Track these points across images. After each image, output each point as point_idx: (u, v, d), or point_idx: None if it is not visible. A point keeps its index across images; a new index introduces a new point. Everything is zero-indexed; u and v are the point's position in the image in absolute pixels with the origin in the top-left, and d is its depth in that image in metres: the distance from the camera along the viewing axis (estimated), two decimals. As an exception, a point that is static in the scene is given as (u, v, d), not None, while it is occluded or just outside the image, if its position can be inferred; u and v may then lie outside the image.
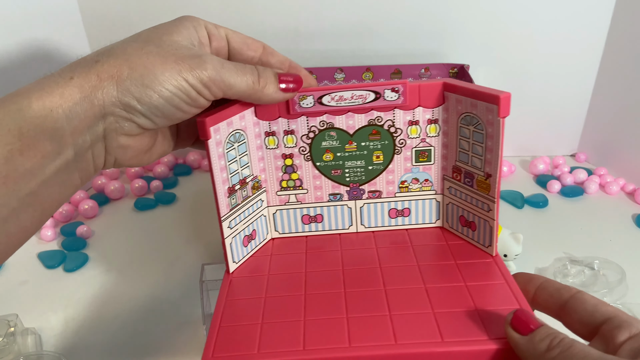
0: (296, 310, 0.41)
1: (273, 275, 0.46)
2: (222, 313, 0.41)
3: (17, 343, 0.50)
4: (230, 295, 0.43)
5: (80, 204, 0.74)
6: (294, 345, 0.37)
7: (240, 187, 0.46)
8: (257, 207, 0.49)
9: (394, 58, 0.77)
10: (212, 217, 0.73)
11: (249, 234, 0.48)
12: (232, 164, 0.44)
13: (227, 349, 0.38)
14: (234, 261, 0.46)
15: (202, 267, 0.55)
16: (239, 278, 0.46)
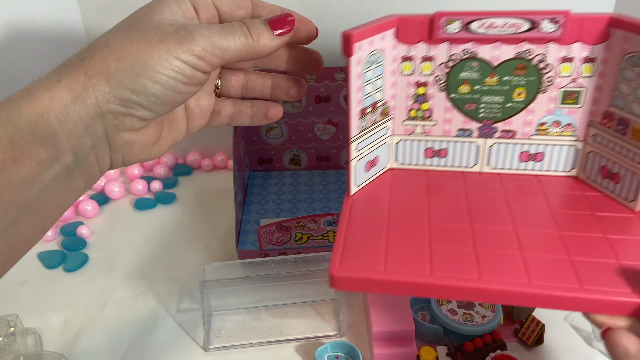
0: (420, 237, 0.40)
1: (394, 202, 0.45)
2: (346, 231, 0.41)
3: (17, 343, 0.51)
4: (352, 215, 0.43)
5: (80, 204, 0.74)
6: (420, 269, 0.37)
7: (372, 110, 0.45)
8: (383, 134, 0.47)
9: (394, 58, 0.77)
10: (212, 217, 0.74)
11: (372, 160, 0.47)
12: (367, 86, 0.43)
13: (352, 263, 0.38)
14: (355, 184, 0.46)
15: (203, 267, 0.55)
16: (359, 201, 0.45)
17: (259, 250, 0.63)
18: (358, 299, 0.59)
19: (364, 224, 0.42)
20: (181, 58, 0.33)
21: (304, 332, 0.54)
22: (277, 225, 0.61)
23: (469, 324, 0.51)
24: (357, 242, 0.40)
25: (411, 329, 0.50)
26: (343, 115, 0.77)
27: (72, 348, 0.53)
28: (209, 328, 0.55)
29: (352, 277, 0.38)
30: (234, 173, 0.65)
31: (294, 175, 0.80)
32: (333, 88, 0.74)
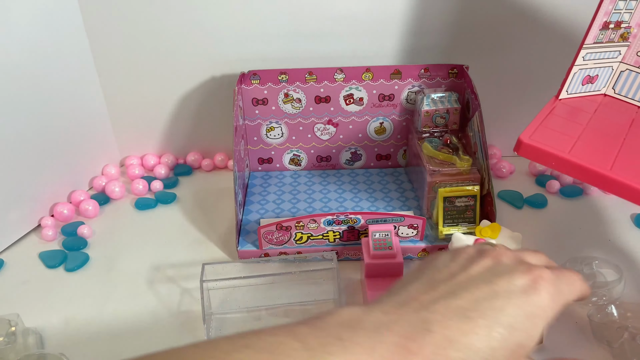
0: (611, 146, 0.45)
1: (596, 118, 0.49)
2: (546, 117, 0.48)
3: (18, 343, 0.51)
4: (554, 111, 0.49)
5: (81, 204, 0.75)
6: (602, 164, 0.43)
7: (614, 27, 0.46)
8: (612, 57, 0.49)
9: (393, 58, 0.77)
10: (213, 217, 0.74)
11: (591, 76, 0.50)
12: (620, 1, 0.45)
13: (543, 138, 0.45)
14: (567, 90, 0.50)
15: (202, 266, 0.55)
16: (565, 105, 0.50)
17: (259, 250, 0.64)
18: (358, 299, 0.59)
19: (561, 120, 0.48)
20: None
21: (304, 332, 0.55)
22: (277, 225, 0.61)
23: (468, 324, 0.51)
24: (551, 128, 0.47)
25: (411, 329, 0.50)
26: (343, 116, 0.77)
27: (73, 348, 0.53)
28: (209, 328, 0.55)
29: (537, 147, 0.45)
30: (234, 173, 0.65)
31: (294, 175, 0.80)
32: (333, 88, 0.75)
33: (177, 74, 0.79)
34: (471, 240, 0.57)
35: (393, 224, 0.61)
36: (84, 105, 0.77)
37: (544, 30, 0.76)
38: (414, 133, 0.75)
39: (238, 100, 0.69)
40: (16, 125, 0.67)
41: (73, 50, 0.74)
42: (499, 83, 0.80)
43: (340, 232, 0.62)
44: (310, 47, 0.77)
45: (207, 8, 0.73)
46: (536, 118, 0.48)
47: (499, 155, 0.85)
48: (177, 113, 0.82)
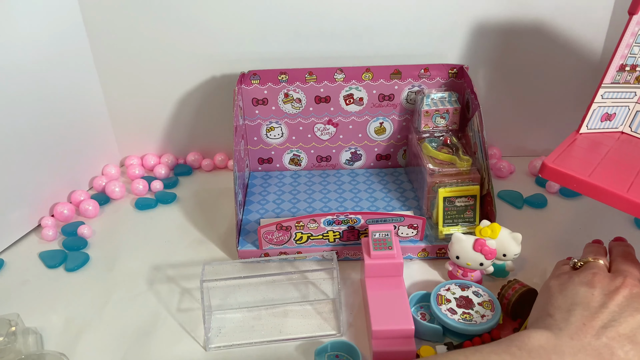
0: (628, 174, 0.49)
1: (614, 151, 0.54)
2: (569, 146, 0.54)
3: (18, 342, 0.51)
4: (574, 144, 0.54)
5: (81, 204, 0.75)
6: (620, 186, 0.47)
7: (630, 70, 0.52)
8: (629, 97, 0.54)
9: (393, 58, 0.77)
10: (213, 217, 0.74)
11: (609, 114, 0.55)
12: (636, 47, 0.50)
13: (565, 163, 0.50)
14: (587, 126, 0.55)
15: (202, 266, 0.55)
16: (585, 138, 0.56)
17: (259, 250, 0.64)
18: (358, 298, 0.59)
19: (582, 150, 0.53)
20: None
21: (303, 332, 0.55)
22: (277, 225, 0.61)
23: (468, 324, 0.51)
24: (573, 155, 0.52)
25: (411, 328, 0.50)
26: (343, 116, 0.77)
27: (73, 347, 0.54)
28: (209, 327, 0.55)
29: (560, 170, 0.50)
30: (234, 173, 0.65)
31: (294, 175, 0.80)
32: (333, 88, 0.75)
33: (177, 74, 0.79)
34: (471, 240, 0.57)
35: (393, 224, 0.61)
36: (84, 106, 0.77)
37: (544, 30, 0.76)
38: (414, 133, 0.75)
39: (238, 100, 0.70)
40: (16, 125, 0.67)
41: (73, 50, 0.74)
42: (499, 83, 0.80)
43: (340, 232, 0.62)
44: (310, 47, 0.77)
45: (207, 8, 0.73)
46: (559, 147, 0.54)
47: (498, 155, 0.85)
48: (177, 113, 0.82)
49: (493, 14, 0.75)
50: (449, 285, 0.56)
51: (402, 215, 0.61)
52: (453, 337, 0.53)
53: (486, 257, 0.57)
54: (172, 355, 0.53)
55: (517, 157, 0.86)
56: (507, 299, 0.54)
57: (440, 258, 0.64)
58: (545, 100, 0.82)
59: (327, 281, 0.60)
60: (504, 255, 0.59)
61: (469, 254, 0.57)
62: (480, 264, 0.58)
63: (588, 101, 0.82)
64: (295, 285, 0.60)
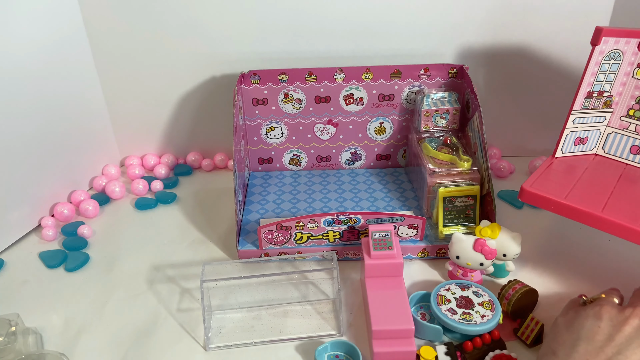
0: (602, 195, 0.53)
1: (588, 173, 0.57)
2: (545, 170, 0.57)
3: (18, 342, 0.51)
4: (550, 168, 0.58)
5: (81, 204, 0.75)
6: (594, 209, 0.50)
7: (597, 96, 0.56)
8: (599, 121, 0.58)
9: (393, 58, 0.77)
10: (213, 217, 0.74)
11: (582, 138, 0.59)
12: (600, 75, 0.55)
13: (542, 186, 0.54)
14: (561, 150, 0.59)
15: (203, 266, 0.55)
16: (560, 162, 0.59)
17: (259, 250, 0.64)
18: (358, 299, 0.59)
19: (558, 173, 0.57)
20: None
21: (303, 332, 0.55)
22: (277, 225, 0.61)
23: (468, 324, 0.51)
24: (549, 179, 0.55)
25: (411, 328, 0.50)
26: (343, 116, 0.77)
27: (73, 347, 0.54)
28: (209, 327, 0.55)
29: (538, 194, 0.53)
30: (234, 173, 0.65)
31: (294, 175, 0.80)
32: (333, 88, 0.75)
33: (177, 74, 0.79)
34: (471, 240, 0.57)
35: (393, 224, 0.61)
36: (84, 105, 0.77)
37: (545, 30, 0.76)
38: (414, 133, 0.75)
39: (238, 100, 0.69)
40: (17, 125, 0.67)
41: (73, 51, 0.74)
42: (499, 83, 0.80)
43: (340, 232, 0.62)
44: (310, 47, 0.77)
45: (207, 8, 0.73)
46: (536, 171, 0.56)
47: (498, 155, 0.85)
48: (177, 113, 0.82)
49: (493, 14, 0.75)
50: (449, 285, 0.56)
51: (402, 215, 0.61)
52: (453, 337, 0.53)
53: (486, 257, 0.57)
54: (172, 355, 0.53)
55: (517, 157, 0.86)
56: (507, 299, 0.54)
57: (440, 258, 0.64)
58: (545, 100, 0.82)
59: (327, 281, 0.60)
60: (504, 255, 0.59)
61: (469, 254, 0.57)
62: (481, 264, 0.58)
63: (588, 101, 0.82)
64: (295, 285, 0.60)
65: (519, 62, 0.78)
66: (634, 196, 0.54)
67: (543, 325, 0.51)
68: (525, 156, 0.86)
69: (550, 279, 0.61)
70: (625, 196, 0.54)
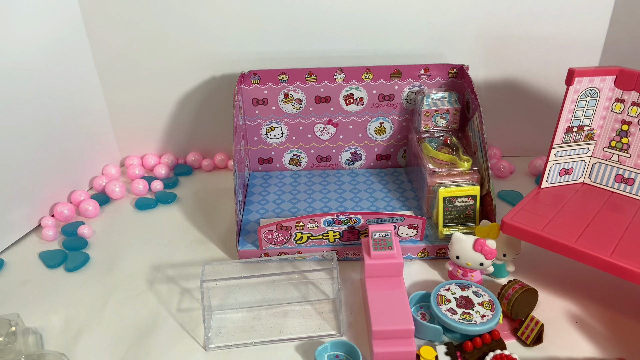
0: (580, 224, 0.55)
1: (572, 201, 0.59)
2: (527, 203, 0.59)
3: (18, 342, 0.51)
4: (535, 198, 0.60)
5: (81, 204, 0.75)
6: (568, 240, 0.52)
7: (577, 130, 0.59)
8: (582, 152, 0.61)
9: (393, 58, 0.77)
10: (213, 217, 0.74)
11: (567, 169, 0.61)
12: (578, 111, 0.57)
13: (522, 219, 0.56)
14: (547, 181, 0.62)
15: (203, 266, 0.55)
16: (546, 193, 0.61)
17: (259, 250, 0.64)
18: (358, 299, 0.59)
19: (540, 205, 0.59)
20: None
21: (304, 332, 0.55)
22: (277, 225, 0.61)
23: (468, 324, 0.51)
24: (531, 210, 0.58)
25: (411, 328, 0.50)
26: (343, 116, 0.77)
27: (73, 347, 0.54)
28: (209, 327, 0.55)
29: (517, 226, 0.55)
30: (234, 173, 0.65)
31: (294, 175, 0.80)
32: (333, 88, 0.75)
33: (177, 74, 0.79)
34: (471, 240, 0.57)
35: (393, 224, 0.61)
36: (84, 106, 0.77)
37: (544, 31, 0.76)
38: (414, 133, 0.75)
39: (238, 100, 0.69)
40: (17, 125, 0.67)
41: (73, 51, 0.74)
42: (499, 83, 0.80)
43: (340, 232, 0.62)
44: (310, 47, 0.77)
45: (207, 8, 0.73)
46: (519, 203, 0.59)
47: (498, 155, 0.85)
48: (177, 113, 0.82)
49: (493, 14, 0.75)
50: (449, 285, 0.56)
51: (402, 215, 0.61)
52: (453, 337, 0.53)
53: (486, 257, 0.57)
54: (172, 355, 0.53)
55: (517, 157, 0.86)
56: (507, 299, 0.54)
57: (440, 258, 0.64)
58: (545, 100, 0.82)
59: (327, 281, 0.60)
60: (504, 255, 0.59)
61: (469, 254, 0.57)
62: (480, 264, 0.58)
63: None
64: (295, 285, 0.60)
65: (519, 62, 0.78)
66: (612, 225, 0.55)
67: (543, 325, 0.51)
68: (525, 156, 0.86)
69: (550, 279, 0.61)
70: (603, 225, 0.55)
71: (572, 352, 0.51)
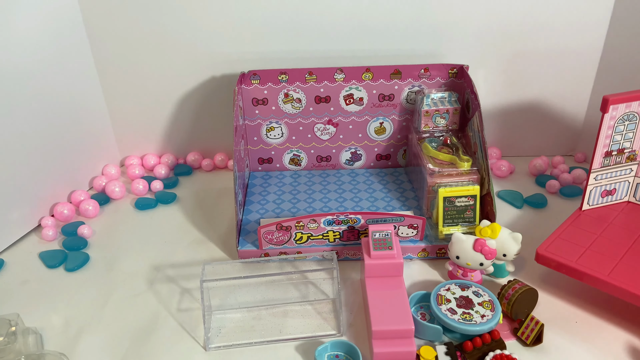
0: (617, 253, 0.55)
1: (614, 224, 0.60)
2: (565, 229, 0.60)
3: (18, 342, 0.51)
4: (575, 223, 0.60)
5: (81, 204, 0.75)
6: (602, 273, 0.52)
7: (617, 154, 0.59)
8: (626, 173, 0.61)
9: (393, 58, 0.77)
10: (213, 217, 0.74)
11: (609, 190, 0.62)
12: (616, 136, 0.58)
13: (556, 250, 0.56)
14: (588, 203, 0.62)
15: (203, 266, 0.55)
16: (587, 216, 0.62)
17: (259, 250, 0.64)
18: (358, 299, 0.59)
19: (579, 231, 0.59)
20: None
21: (304, 332, 0.55)
22: (277, 225, 0.61)
23: (468, 324, 0.51)
24: (567, 238, 0.58)
25: (411, 328, 0.50)
26: (343, 116, 0.77)
27: (73, 347, 0.54)
28: (209, 327, 0.55)
29: (551, 258, 0.56)
30: (234, 173, 0.65)
31: (294, 175, 0.80)
32: (333, 88, 0.75)
33: (177, 74, 0.79)
34: (471, 240, 0.57)
35: (393, 224, 0.61)
36: (84, 106, 0.77)
37: (544, 31, 0.76)
38: (414, 133, 0.75)
39: (238, 100, 0.69)
40: (17, 125, 0.67)
41: (73, 50, 0.74)
42: (499, 83, 0.80)
43: (341, 232, 0.62)
44: (310, 47, 0.77)
45: (207, 9, 0.73)
46: (557, 230, 0.60)
47: (498, 155, 0.85)
48: (177, 113, 0.82)
49: (493, 14, 0.75)
50: (449, 285, 0.56)
51: (402, 215, 0.61)
52: (453, 337, 0.53)
53: (486, 257, 0.57)
54: (172, 355, 0.53)
55: (517, 157, 0.86)
56: (507, 299, 0.54)
57: (440, 258, 0.64)
58: (545, 100, 0.82)
59: (327, 281, 0.60)
60: (504, 255, 0.59)
61: (469, 254, 0.57)
62: (481, 264, 0.58)
63: (588, 100, 0.82)
64: (295, 285, 0.60)
65: (519, 62, 0.78)
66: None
67: (543, 325, 0.51)
68: (525, 156, 0.86)
69: (550, 279, 0.61)
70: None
71: (572, 352, 0.51)
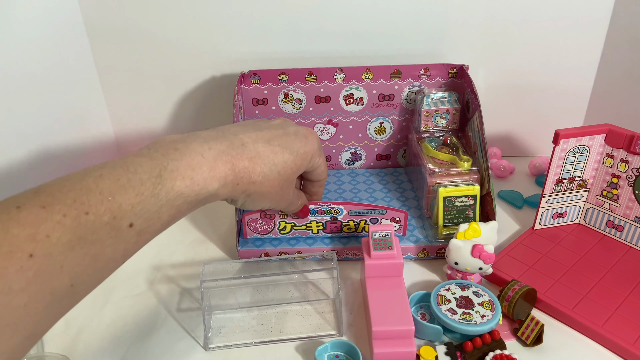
0: (557, 272, 0.59)
1: (561, 244, 0.63)
2: (517, 245, 0.64)
3: (18, 342, 0.51)
4: (525, 240, 0.64)
5: (81, 203, 0.75)
6: (539, 290, 0.56)
7: (568, 182, 0.63)
8: (577, 198, 0.65)
9: (393, 58, 0.77)
10: (212, 216, 0.74)
11: (560, 212, 0.65)
12: (567, 166, 0.62)
13: (501, 267, 0.60)
14: (540, 223, 0.66)
15: (203, 266, 0.55)
16: (537, 234, 0.65)
17: (259, 250, 0.64)
18: (358, 298, 0.59)
19: (528, 249, 0.63)
20: None
21: (303, 332, 0.55)
22: (260, 213, 0.61)
23: (468, 324, 0.51)
24: (515, 256, 0.62)
25: (411, 328, 0.50)
26: (343, 116, 0.77)
27: (74, 348, 0.54)
28: (209, 327, 0.55)
29: (497, 274, 0.59)
30: (234, 173, 0.65)
31: (294, 175, 0.80)
32: (333, 88, 0.75)
33: (177, 74, 0.79)
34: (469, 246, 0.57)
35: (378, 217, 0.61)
36: (83, 106, 0.77)
37: (544, 30, 0.76)
38: (414, 133, 0.75)
39: (238, 100, 0.69)
40: (16, 125, 0.67)
41: (73, 50, 0.74)
42: (499, 83, 0.80)
43: (323, 222, 0.62)
44: (310, 47, 0.77)
45: (207, 8, 0.73)
46: (506, 247, 0.63)
47: (498, 155, 0.85)
48: (177, 113, 0.82)
49: (493, 14, 0.75)
50: (449, 285, 0.56)
51: (384, 208, 0.61)
52: (453, 337, 0.53)
53: (485, 262, 0.57)
54: (172, 355, 0.53)
55: (517, 157, 0.86)
56: (507, 300, 0.54)
57: (440, 258, 0.64)
58: (545, 100, 0.82)
59: (327, 281, 0.60)
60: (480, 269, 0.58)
61: (468, 260, 0.57)
62: (480, 268, 0.57)
63: (588, 100, 0.82)
64: (295, 285, 0.60)
65: (519, 62, 0.78)
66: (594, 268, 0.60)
67: (543, 325, 0.51)
68: (525, 156, 0.86)
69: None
70: (579, 275, 0.59)
71: (572, 352, 0.52)
